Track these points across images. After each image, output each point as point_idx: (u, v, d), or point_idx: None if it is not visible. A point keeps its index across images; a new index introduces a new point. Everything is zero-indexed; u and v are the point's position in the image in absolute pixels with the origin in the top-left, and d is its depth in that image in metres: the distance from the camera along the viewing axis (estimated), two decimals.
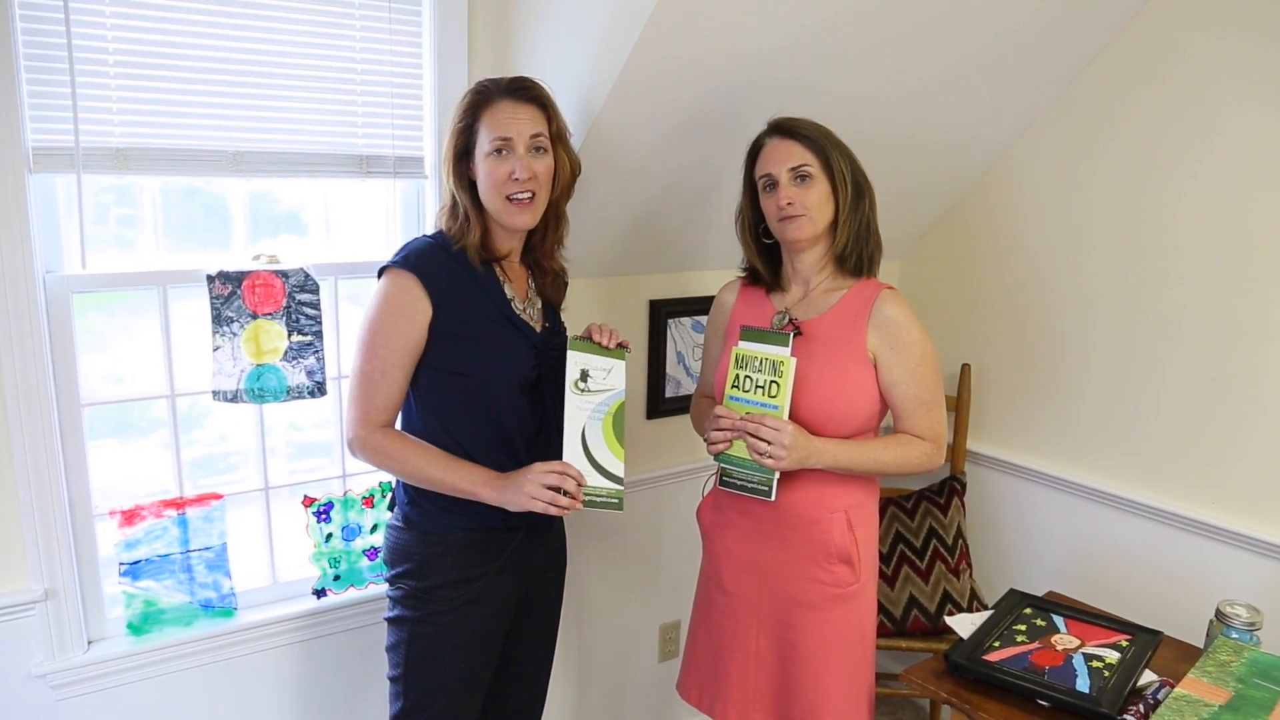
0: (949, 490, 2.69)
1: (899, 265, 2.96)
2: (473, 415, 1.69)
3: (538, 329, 1.77)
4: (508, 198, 1.66)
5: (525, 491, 1.61)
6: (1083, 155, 2.43)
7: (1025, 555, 2.68)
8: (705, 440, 1.78)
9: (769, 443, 1.67)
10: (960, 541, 2.65)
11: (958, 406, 2.74)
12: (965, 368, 2.73)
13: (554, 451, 1.68)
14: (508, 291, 1.74)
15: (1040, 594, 2.14)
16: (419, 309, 1.64)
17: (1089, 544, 2.50)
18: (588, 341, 1.70)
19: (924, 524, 2.66)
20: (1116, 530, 2.43)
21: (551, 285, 1.85)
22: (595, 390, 1.69)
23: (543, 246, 1.81)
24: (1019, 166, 2.59)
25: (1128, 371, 2.39)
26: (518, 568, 1.78)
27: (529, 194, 1.67)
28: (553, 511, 1.62)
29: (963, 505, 2.69)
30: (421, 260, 1.66)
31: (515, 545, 1.75)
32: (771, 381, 1.71)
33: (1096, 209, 2.42)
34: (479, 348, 1.68)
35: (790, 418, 1.72)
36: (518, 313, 1.74)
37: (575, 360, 1.68)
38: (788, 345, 1.71)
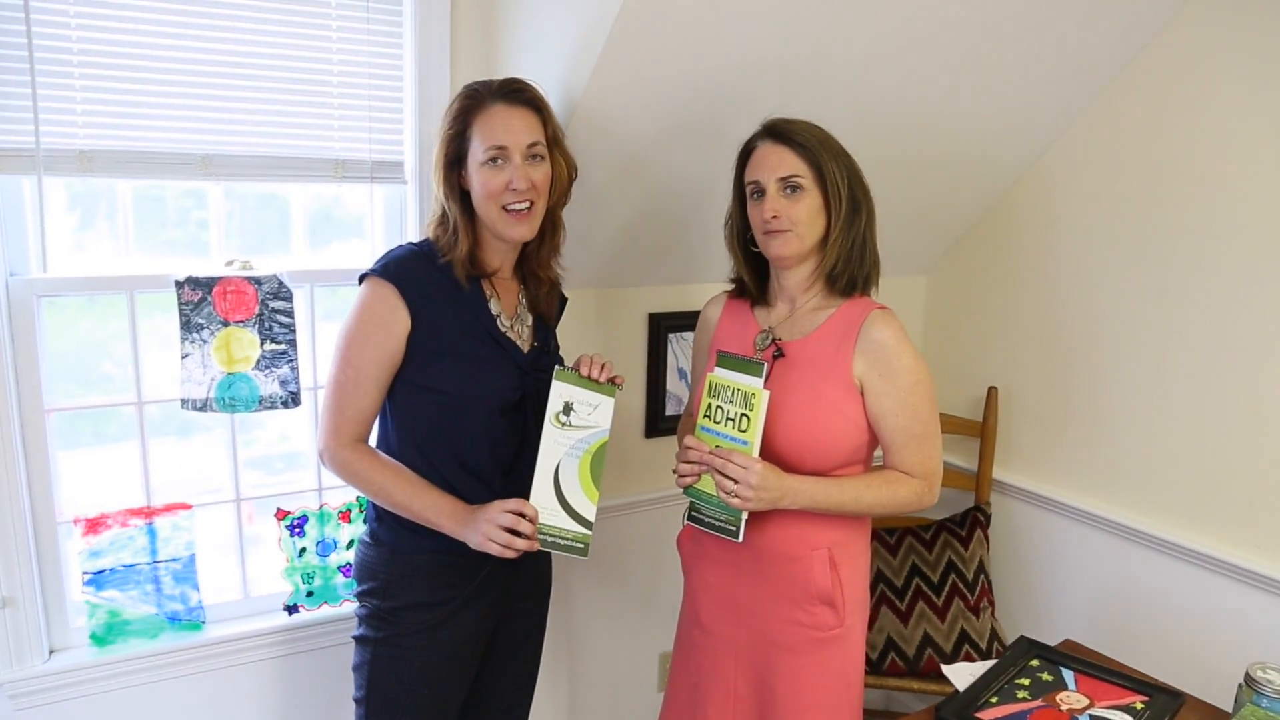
0: (971, 521, 2.52)
1: (925, 281, 2.79)
2: (445, 435, 1.61)
3: (524, 348, 1.68)
4: (504, 208, 1.58)
5: (482, 531, 1.54)
6: (1119, 165, 2.25)
7: (1051, 595, 2.49)
8: (674, 471, 1.67)
9: (735, 481, 1.55)
10: (982, 577, 2.47)
11: (983, 432, 2.57)
12: (992, 391, 2.56)
13: (530, 482, 1.58)
14: (493, 308, 1.65)
15: (1061, 638, 1.98)
16: (396, 320, 1.57)
17: (1120, 586, 2.31)
18: (576, 373, 1.60)
19: (943, 556, 2.49)
20: (1151, 572, 2.24)
21: (545, 297, 1.75)
22: (578, 426, 1.59)
23: (538, 256, 1.72)
24: (1051, 177, 2.41)
25: (1167, 400, 2.19)
26: (492, 594, 1.69)
27: (527, 204, 1.59)
28: (508, 554, 1.54)
29: (986, 538, 2.52)
30: (401, 269, 1.59)
31: (488, 571, 1.66)
32: (742, 414, 1.58)
33: (1133, 223, 2.23)
34: (457, 365, 1.59)
35: (766, 449, 1.59)
36: (503, 330, 1.65)
37: (560, 392, 1.58)
38: (761, 376, 1.57)
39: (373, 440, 1.67)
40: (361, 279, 1.61)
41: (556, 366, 1.59)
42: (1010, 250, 2.54)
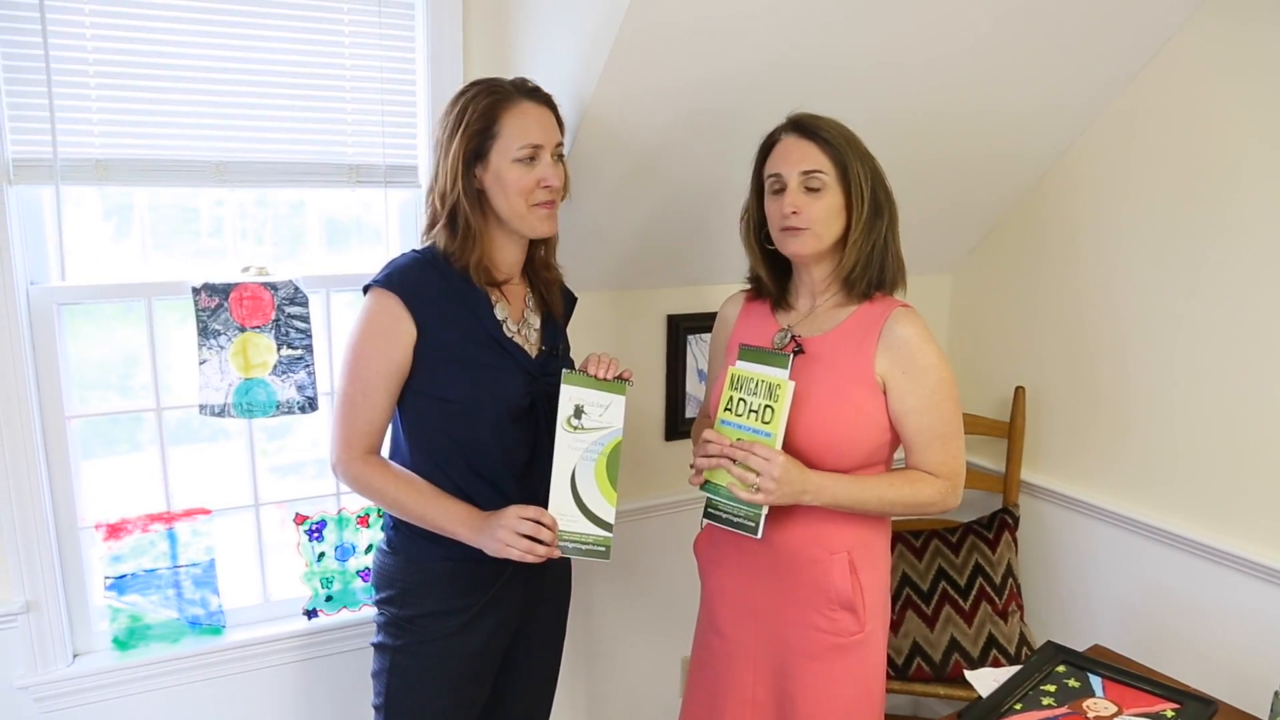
0: (999, 524, 2.47)
1: (950, 280, 2.75)
2: (457, 444, 1.60)
3: (532, 353, 1.66)
4: (532, 205, 1.57)
5: (499, 538, 1.52)
6: (1145, 161, 2.19)
7: (1080, 598, 2.44)
8: (691, 466, 1.65)
9: (757, 473, 1.52)
10: (1010, 581, 2.42)
11: (1011, 433, 2.52)
12: (1019, 390, 2.51)
13: (544, 486, 1.57)
14: (499, 313, 1.63)
15: (1092, 643, 1.93)
16: (402, 330, 1.55)
17: (1151, 589, 2.25)
18: (584, 375, 1.58)
19: (970, 560, 2.45)
20: (1183, 575, 2.18)
21: (556, 296, 1.74)
22: (590, 428, 1.57)
23: (542, 256, 1.71)
24: (1076, 173, 2.36)
25: (1200, 398, 2.13)
26: (509, 600, 1.68)
27: (552, 201, 1.60)
28: (529, 559, 1.52)
29: (1014, 541, 2.47)
30: (405, 278, 1.57)
31: (507, 577, 1.65)
32: (766, 406, 1.56)
33: (1160, 219, 2.17)
34: (464, 373, 1.58)
35: (786, 447, 1.56)
36: (509, 335, 1.63)
37: (570, 395, 1.56)
38: (786, 367, 1.55)
39: (385, 450, 1.66)
40: (365, 290, 1.60)
41: (564, 370, 1.57)
42: (1036, 248, 2.49)
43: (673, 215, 2.12)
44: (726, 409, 1.61)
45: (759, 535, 1.57)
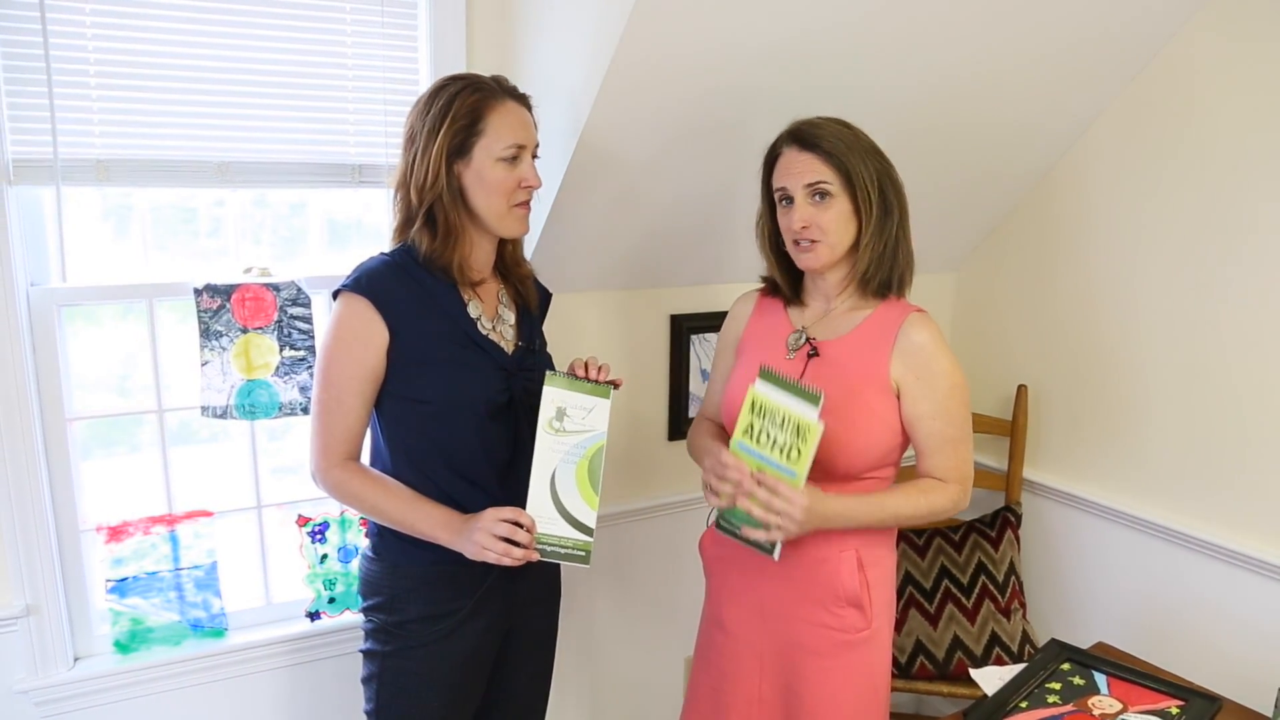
0: (1002, 522, 2.48)
1: (954, 278, 2.75)
2: (436, 445, 1.58)
3: (508, 349, 1.64)
4: (511, 205, 1.57)
5: (476, 540, 1.50)
6: (1150, 157, 2.19)
7: (1083, 596, 2.44)
8: (705, 484, 1.62)
9: (778, 513, 1.50)
10: (1012, 579, 2.42)
11: (1013, 431, 2.52)
12: (1022, 389, 2.51)
13: (527, 485, 1.55)
14: (472, 310, 1.61)
15: (1094, 640, 1.93)
16: (374, 333, 1.53)
17: (1154, 587, 2.25)
18: (569, 377, 1.56)
19: (972, 558, 2.45)
20: (1186, 573, 2.18)
21: (531, 291, 1.72)
22: (572, 431, 1.55)
23: (513, 253, 1.71)
24: (1081, 170, 2.36)
25: (1203, 396, 2.14)
26: (498, 603, 1.66)
27: (528, 201, 1.59)
28: (506, 563, 1.50)
29: (1017, 539, 2.47)
30: (374, 281, 1.54)
31: (493, 580, 1.63)
32: (794, 446, 1.51)
33: (1167, 215, 2.17)
34: (440, 373, 1.56)
35: None
36: (484, 332, 1.61)
37: (552, 397, 1.54)
38: (817, 406, 1.48)
39: (365, 457, 1.64)
40: (335, 294, 1.57)
41: (547, 372, 1.55)
42: (1039, 245, 2.49)
43: (676, 215, 2.11)
44: (746, 434, 1.56)
45: (777, 557, 1.55)
